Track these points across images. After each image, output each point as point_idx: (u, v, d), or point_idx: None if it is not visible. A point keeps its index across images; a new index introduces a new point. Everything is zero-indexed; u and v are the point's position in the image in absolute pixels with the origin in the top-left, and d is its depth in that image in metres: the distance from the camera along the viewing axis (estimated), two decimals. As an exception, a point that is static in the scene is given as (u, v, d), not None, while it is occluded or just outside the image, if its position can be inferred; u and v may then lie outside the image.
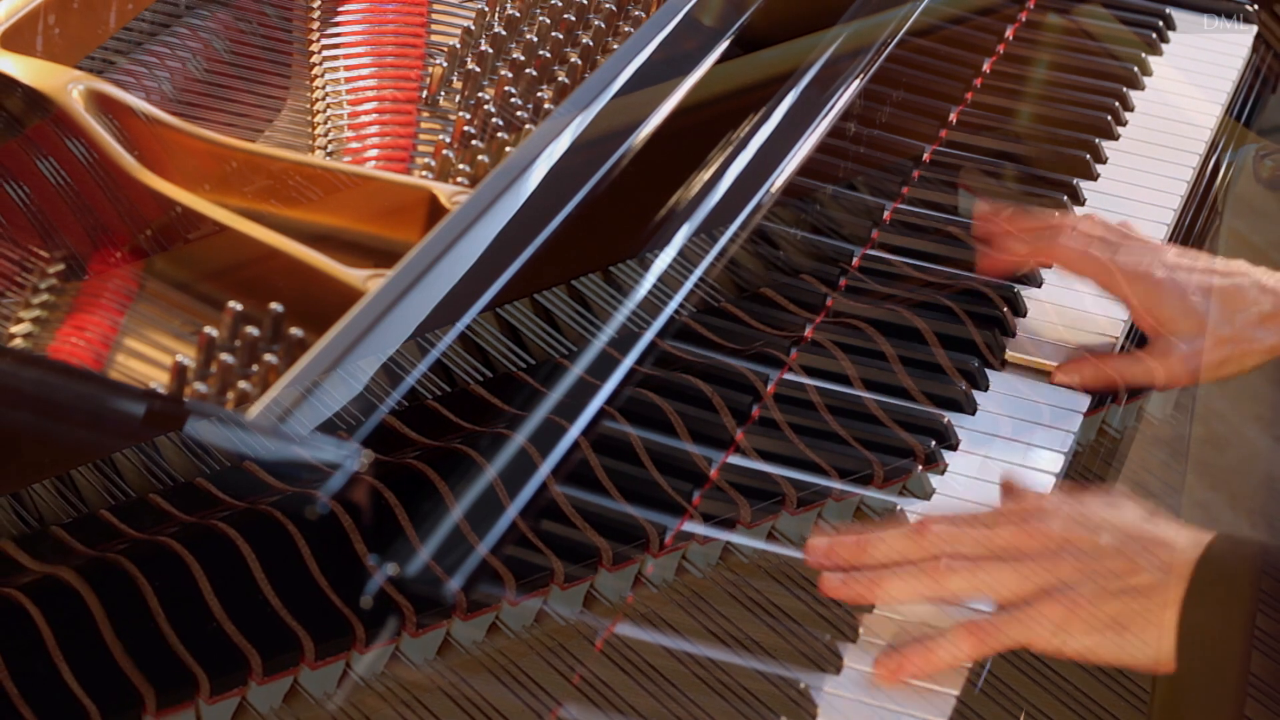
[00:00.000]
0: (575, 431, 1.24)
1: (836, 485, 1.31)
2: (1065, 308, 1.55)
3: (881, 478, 1.33)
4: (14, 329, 1.26)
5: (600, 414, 1.27)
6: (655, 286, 1.35)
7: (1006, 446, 1.41)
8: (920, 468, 1.35)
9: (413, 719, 1.11)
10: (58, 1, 1.43)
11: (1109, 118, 1.78)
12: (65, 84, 1.35)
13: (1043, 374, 1.48)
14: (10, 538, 1.09)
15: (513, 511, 1.17)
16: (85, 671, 1.03)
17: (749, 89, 1.49)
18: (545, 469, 1.21)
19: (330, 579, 1.11)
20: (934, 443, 1.37)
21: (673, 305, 1.36)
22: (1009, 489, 1.31)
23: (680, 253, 1.37)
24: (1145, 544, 1.20)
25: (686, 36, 1.49)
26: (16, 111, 1.36)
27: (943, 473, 1.37)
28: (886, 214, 1.60)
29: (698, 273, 1.39)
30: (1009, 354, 1.49)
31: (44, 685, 1.02)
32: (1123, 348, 1.53)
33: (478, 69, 1.53)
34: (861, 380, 1.41)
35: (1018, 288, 1.54)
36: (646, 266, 1.35)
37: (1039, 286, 1.56)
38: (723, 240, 1.41)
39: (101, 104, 1.35)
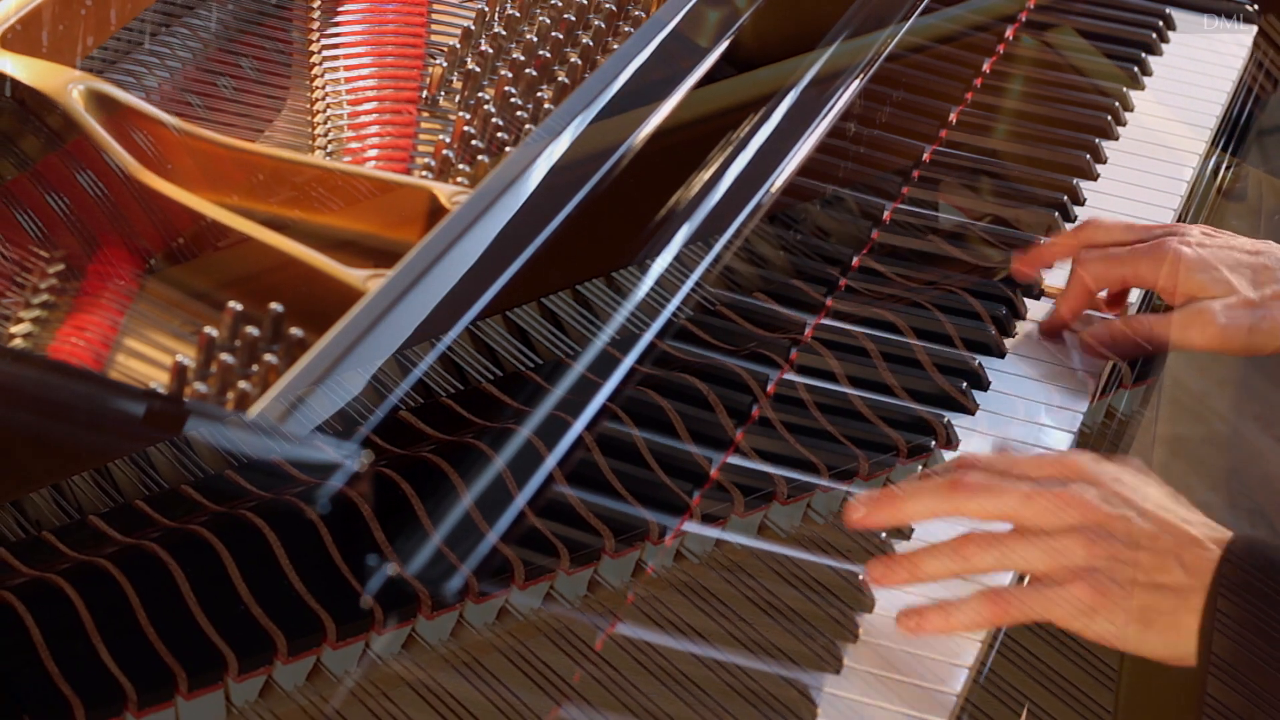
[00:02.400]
0: (579, 426, 1.25)
1: (823, 482, 1.32)
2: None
3: (867, 472, 1.34)
4: (14, 329, 1.26)
5: (604, 412, 1.28)
6: (660, 290, 1.36)
7: (1008, 444, 1.41)
8: (921, 466, 1.36)
9: (426, 695, 1.15)
10: (58, 1, 1.43)
11: (1109, 118, 1.78)
12: (65, 84, 1.35)
13: (1043, 376, 1.48)
14: (50, 528, 1.14)
15: (521, 501, 1.20)
16: (122, 652, 1.08)
17: (746, 105, 1.49)
18: (551, 461, 1.23)
19: (351, 565, 1.15)
20: (933, 442, 1.37)
21: (671, 307, 1.37)
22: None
23: (682, 257, 1.38)
24: (1177, 540, 1.20)
25: (686, 40, 1.49)
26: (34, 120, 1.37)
27: (943, 472, 1.37)
28: (886, 214, 1.60)
29: (695, 276, 1.39)
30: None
31: (83, 665, 1.07)
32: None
33: (478, 69, 1.53)
34: (861, 380, 1.41)
35: (1017, 288, 1.54)
36: (651, 270, 1.36)
37: (1038, 299, 1.56)
38: (720, 243, 1.41)
39: (101, 104, 1.35)
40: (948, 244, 1.58)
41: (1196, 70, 1.90)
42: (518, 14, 1.59)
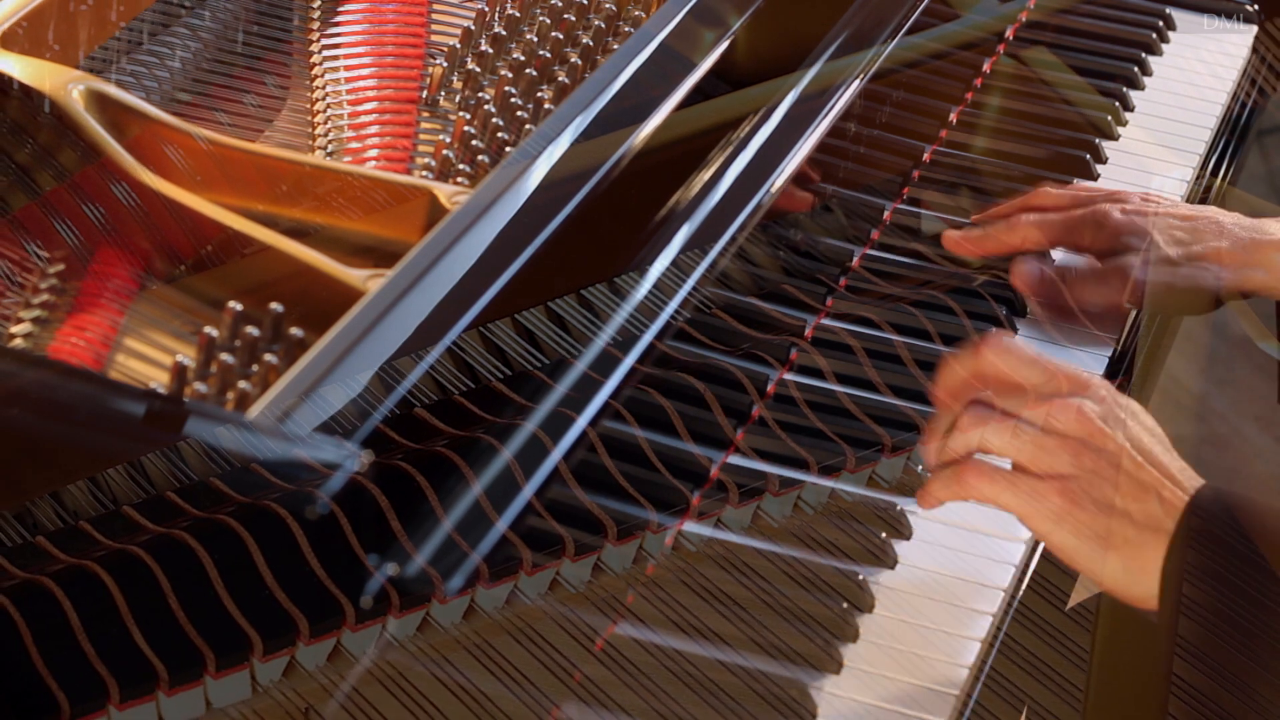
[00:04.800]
0: (583, 422, 1.27)
1: (812, 479, 1.33)
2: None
3: (854, 464, 1.35)
4: (14, 329, 1.26)
5: (608, 410, 1.29)
6: (660, 294, 1.37)
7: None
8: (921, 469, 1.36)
9: (439, 674, 1.19)
10: (58, 1, 1.43)
11: (1109, 118, 1.78)
12: (65, 84, 1.35)
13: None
14: (87, 518, 1.20)
15: (529, 491, 1.23)
16: (153, 634, 1.13)
17: (740, 119, 1.50)
18: (557, 455, 1.25)
19: (369, 552, 1.19)
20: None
21: (670, 308, 1.37)
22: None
23: (686, 260, 1.38)
24: (1161, 474, 1.20)
25: (677, 54, 1.49)
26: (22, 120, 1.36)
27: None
28: (886, 214, 1.60)
29: (693, 280, 1.40)
30: None
31: (117, 646, 1.12)
32: None
33: (478, 69, 1.53)
34: (858, 380, 1.42)
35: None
36: (651, 274, 1.37)
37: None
38: (718, 246, 1.41)
39: (100, 103, 1.35)
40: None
41: (1196, 70, 1.90)
42: (518, 14, 1.59)
